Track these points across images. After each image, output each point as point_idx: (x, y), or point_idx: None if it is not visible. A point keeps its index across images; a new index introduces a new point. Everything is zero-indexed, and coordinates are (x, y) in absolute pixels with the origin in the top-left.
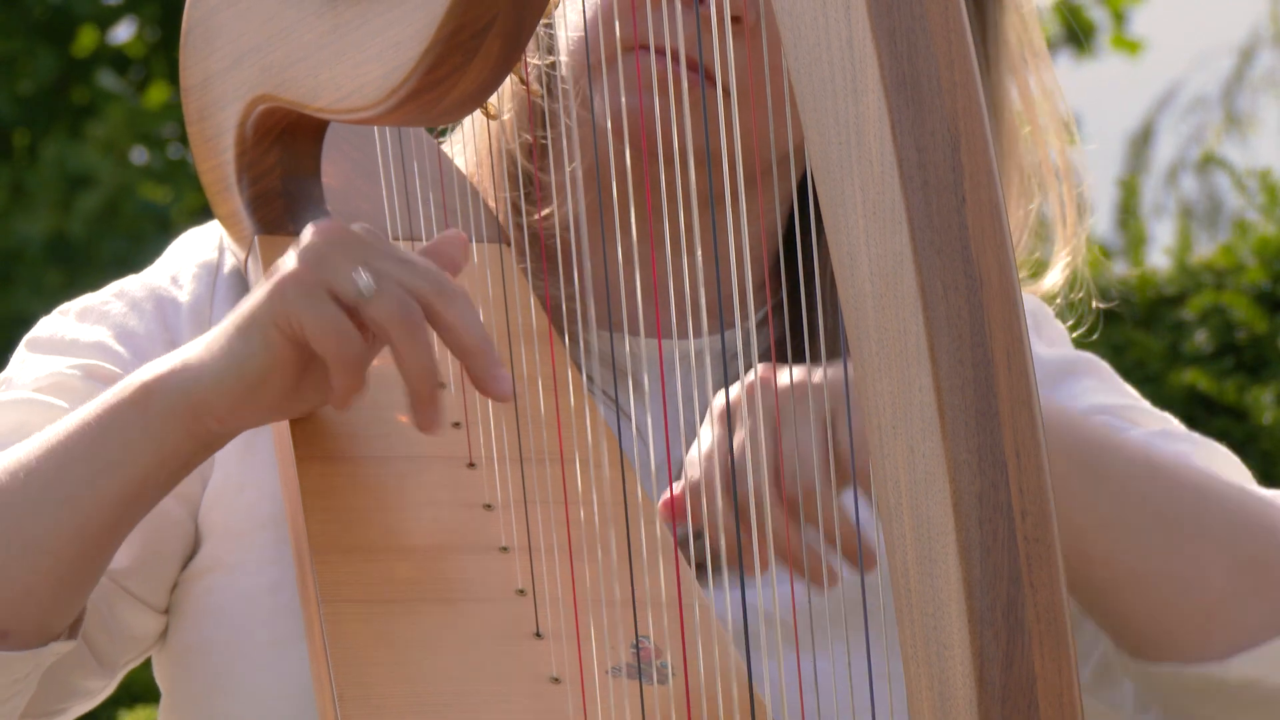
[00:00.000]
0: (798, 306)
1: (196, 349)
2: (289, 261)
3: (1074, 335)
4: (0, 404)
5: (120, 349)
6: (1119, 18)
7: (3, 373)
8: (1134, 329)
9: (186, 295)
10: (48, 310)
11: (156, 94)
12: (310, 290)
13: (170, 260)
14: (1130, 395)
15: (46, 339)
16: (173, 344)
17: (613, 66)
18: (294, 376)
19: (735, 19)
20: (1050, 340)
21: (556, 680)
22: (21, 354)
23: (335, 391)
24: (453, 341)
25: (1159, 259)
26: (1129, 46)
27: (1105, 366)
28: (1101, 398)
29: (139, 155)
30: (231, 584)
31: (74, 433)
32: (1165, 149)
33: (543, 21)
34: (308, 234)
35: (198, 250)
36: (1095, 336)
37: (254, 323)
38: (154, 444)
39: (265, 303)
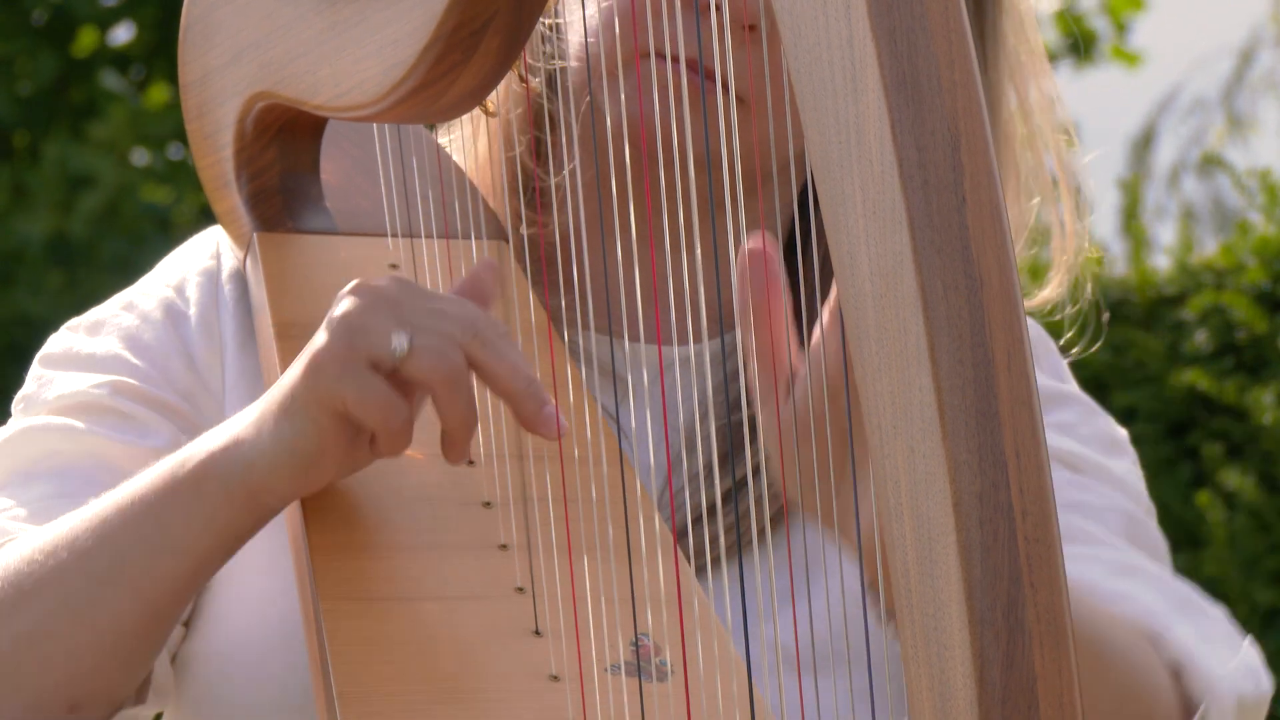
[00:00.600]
0: (798, 307)
1: (245, 423)
2: (320, 336)
3: (1078, 344)
4: (28, 430)
5: (138, 361)
6: (1120, 27)
7: (20, 391)
8: (1134, 329)
9: (193, 306)
10: (48, 311)
11: (158, 94)
12: (347, 366)
13: (171, 271)
14: (1094, 443)
15: (61, 354)
16: (187, 354)
17: (616, 74)
18: (346, 447)
19: (748, 27)
20: (1049, 373)
21: (556, 678)
22: (38, 371)
23: (384, 453)
24: (496, 386)
25: (1160, 259)
26: (1128, 59)
27: (1086, 406)
28: (1056, 439)
29: (140, 156)
30: (232, 589)
31: (129, 512)
32: (1166, 151)
33: (545, 20)
34: (337, 304)
35: (195, 259)
36: (1098, 345)
37: (297, 404)
38: (212, 526)
39: (304, 383)
